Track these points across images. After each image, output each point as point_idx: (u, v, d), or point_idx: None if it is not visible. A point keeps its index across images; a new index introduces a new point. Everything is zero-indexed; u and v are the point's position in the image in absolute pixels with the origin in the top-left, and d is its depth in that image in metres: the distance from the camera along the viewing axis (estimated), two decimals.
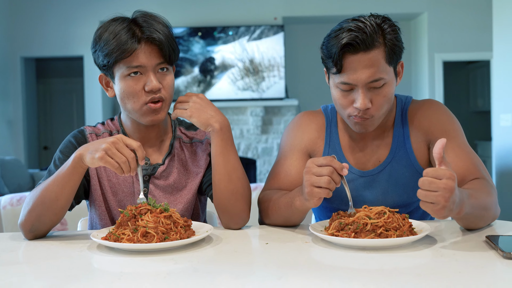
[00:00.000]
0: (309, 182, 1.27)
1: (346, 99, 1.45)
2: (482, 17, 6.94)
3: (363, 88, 1.41)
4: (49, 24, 7.20)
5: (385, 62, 1.41)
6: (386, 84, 1.43)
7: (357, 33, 1.37)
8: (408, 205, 1.60)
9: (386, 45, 1.40)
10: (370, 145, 1.60)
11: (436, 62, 7.21)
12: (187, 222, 1.31)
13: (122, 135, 1.35)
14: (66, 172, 1.37)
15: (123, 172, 1.31)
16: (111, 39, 1.42)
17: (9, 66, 7.29)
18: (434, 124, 1.56)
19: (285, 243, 1.30)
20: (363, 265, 1.09)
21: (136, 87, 1.44)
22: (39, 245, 1.35)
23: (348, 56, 1.39)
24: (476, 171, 1.48)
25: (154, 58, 1.44)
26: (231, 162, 1.48)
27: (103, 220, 1.57)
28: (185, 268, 1.09)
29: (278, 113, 7.18)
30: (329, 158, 1.27)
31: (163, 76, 1.48)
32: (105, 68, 1.47)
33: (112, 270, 1.12)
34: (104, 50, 1.43)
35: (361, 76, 1.39)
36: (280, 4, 7.14)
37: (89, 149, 1.33)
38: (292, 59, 7.65)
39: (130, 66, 1.43)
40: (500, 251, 1.09)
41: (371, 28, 1.38)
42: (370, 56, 1.38)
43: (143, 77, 1.45)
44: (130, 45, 1.41)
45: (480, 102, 9.15)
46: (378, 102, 1.43)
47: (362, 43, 1.36)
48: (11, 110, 7.35)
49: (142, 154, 1.34)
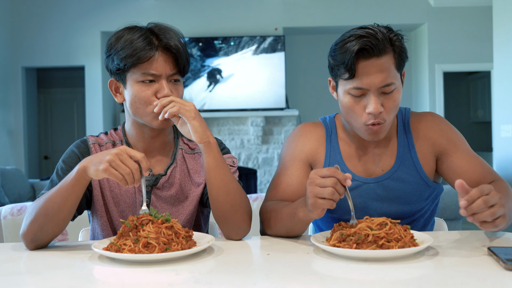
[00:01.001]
0: (312, 193, 1.27)
1: (358, 106, 1.47)
2: (482, 28, 6.96)
3: (375, 93, 1.44)
4: (51, 34, 7.23)
5: (395, 68, 1.46)
6: (396, 89, 1.47)
7: (369, 39, 1.41)
8: (412, 213, 1.61)
9: (395, 51, 1.46)
10: (372, 154, 1.61)
11: (437, 73, 7.22)
12: (189, 233, 1.31)
13: (125, 147, 1.35)
14: (70, 183, 1.37)
15: (127, 183, 1.31)
16: (128, 45, 1.45)
17: (10, 76, 7.31)
18: (440, 136, 1.60)
19: (286, 254, 1.29)
20: (364, 277, 1.08)
21: (148, 93, 1.47)
22: (41, 255, 1.35)
23: (361, 61, 1.43)
24: (490, 174, 1.55)
25: (169, 68, 1.47)
26: (226, 175, 1.47)
27: (105, 230, 1.57)
28: (187, 279, 1.09)
29: (278, 123, 7.19)
30: (333, 169, 1.28)
31: (174, 86, 1.50)
32: (118, 72, 1.49)
33: (113, 281, 1.12)
34: (120, 54, 1.45)
35: (374, 80, 1.43)
36: (280, 14, 7.17)
37: (93, 161, 1.34)
38: (292, 69, 7.68)
39: (145, 73, 1.45)
40: (502, 262, 1.09)
41: (381, 34, 1.43)
42: (382, 61, 1.43)
43: (155, 84, 1.47)
44: (147, 52, 1.44)
45: (480, 113, 9.16)
46: (389, 106, 1.47)
47: (375, 48, 1.41)
48: (12, 120, 7.36)
49: (146, 165, 1.34)
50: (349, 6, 7.11)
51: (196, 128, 1.43)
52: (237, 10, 7.17)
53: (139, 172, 1.33)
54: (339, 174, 1.26)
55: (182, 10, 7.17)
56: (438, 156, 1.60)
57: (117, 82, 1.54)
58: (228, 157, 1.61)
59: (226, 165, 1.49)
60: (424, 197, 1.60)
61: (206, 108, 7.04)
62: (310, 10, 7.17)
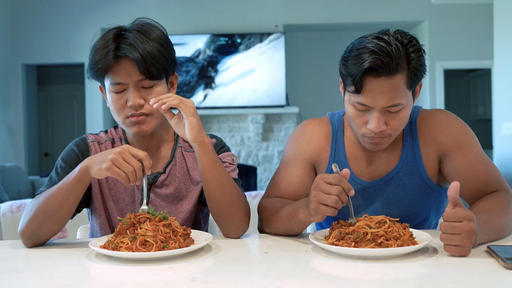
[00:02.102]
0: (316, 198, 1.25)
1: (361, 119, 1.42)
2: (483, 25, 6.94)
3: (379, 112, 1.38)
4: (51, 31, 7.22)
5: (406, 87, 1.37)
6: (403, 109, 1.40)
7: (381, 56, 1.32)
8: (414, 215, 1.58)
9: (409, 70, 1.36)
10: (378, 156, 1.57)
11: (437, 70, 7.21)
12: (186, 231, 1.30)
13: (128, 146, 1.35)
14: (71, 183, 1.36)
15: (129, 182, 1.31)
16: (94, 53, 1.44)
17: (10, 73, 7.30)
18: (446, 137, 1.52)
19: (284, 252, 1.29)
20: (363, 275, 1.08)
21: (120, 102, 1.46)
22: (38, 253, 1.34)
23: (369, 78, 1.34)
24: (494, 182, 1.46)
25: (134, 75, 1.43)
26: (222, 175, 1.45)
27: (103, 228, 1.56)
28: (184, 277, 1.08)
29: (278, 121, 7.18)
30: (339, 177, 1.24)
31: (148, 91, 1.46)
32: (97, 80, 1.50)
33: (110, 279, 1.11)
34: (88, 65, 1.47)
35: (380, 101, 1.36)
36: (281, 11, 7.16)
37: (96, 160, 1.33)
38: (293, 66, 7.67)
39: (112, 83, 1.45)
40: (502, 261, 1.08)
41: (396, 51, 1.33)
42: (391, 81, 1.34)
43: (127, 92, 1.45)
44: (102, 63, 1.42)
45: (481, 110, 9.15)
46: (393, 124, 1.41)
47: (385, 68, 1.32)
48: (12, 117, 7.36)
49: (149, 164, 1.34)
50: (349, 3, 7.09)
51: (192, 125, 1.40)
52: (237, 7, 7.16)
53: (142, 171, 1.33)
54: (345, 184, 1.23)
55: (181, 7, 7.15)
56: (441, 158, 1.53)
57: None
58: (227, 155, 1.59)
59: (222, 165, 1.47)
60: (427, 201, 1.56)
61: (206, 106, 7.03)
62: (311, 7, 7.15)
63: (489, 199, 1.41)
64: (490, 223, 1.29)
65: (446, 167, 1.52)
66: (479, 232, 1.22)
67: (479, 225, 1.22)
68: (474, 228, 1.15)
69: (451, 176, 1.50)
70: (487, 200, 1.41)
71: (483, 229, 1.25)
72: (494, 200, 1.40)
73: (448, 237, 1.16)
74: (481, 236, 1.24)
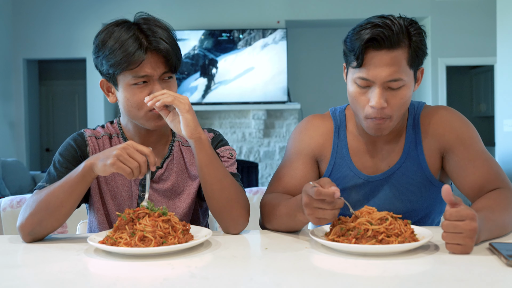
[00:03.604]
0: (313, 216, 1.22)
1: (363, 97, 1.43)
2: (486, 21, 6.92)
3: (380, 87, 1.39)
4: (52, 26, 7.21)
5: (407, 64, 1.39)
6: (404, 86, 1.41)
7: (383, 29, 1.35)
8: (416, 211, 1.57)
9: (410, 46, 1.39)
10: (381, 150, 1.57)
11: (440, 67, 7.19)
12: (186, 226, 1.29)
13: (132, 142, 1.34)
14: (74, 180, 1.36)
15: (134, 176, 1.31)
16: (117, 49, 1.40)
17: (11, 68, 7.30)
18: (449, 133, 1.52)
19: (284, 249, 1.28)
20: (363, 272, 1.07)
21: (141, 96, 1.43)
22: (37, 248, 1.33)
23: (371, 51, 1.37)
24: (496, 179, 1.46)
25: (160, 68, 1.43)
26: (220, 170, 1.45)
27: (101, 224, 1.56)
28: (182, 273, 1.07)
29: (280, 117, 7.17)
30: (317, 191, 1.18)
31: (167, 84, 1.47)
32: (109, 75, 1.46)
33: (108, 274, 1.10)
34: (109, 59, 1.41)
35: (381, 73, 1.37)
36: (283, 7, 7.14)
37: (100, 157, 1.33)
38: (294, 62, 7.64)
39: (136, 76, 1.42)
40: (504, 258, 1.07)
41: (398, 27, 1.36)
42: (393, 54, 1.37)
43: (149, 85, 1.44)
44: (137, 57, 1.39)
45: (483, 107, 9.13)
46: (394, 103, 1.41)
47: (387, 40, 1.35)
48: (13, 112, 7.36)
49: (154, 160, 1.34)
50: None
51: (188, 121, 1.39)
52: (240, 3, 7.14)
53: (146, 165, 1.33)
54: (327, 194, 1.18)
55: (183, 2, 7.13)
56: (443, 154, 1.53)
57: (108, 83, 1.50)
58: (225, 149, 1.58)
59: (219, 161, 1.46)
60: (429, 196, 1.56)
61: (207, 101, 7.02)
62: (313, 3, 7.13)
63: (491, 196, 1.40)
64: (493, 220, 1.28)
65: (448, 163, 1.52)
66: (482, 229, 1.21)
67: (482, 222, 1.22)
68: (476, 227, 1.14)
69: (453, 172, 1.50)
70: (489, 197, 1.40)
71: (486, 226, 1.24)
72: (496, 197, 1.39)
73: (450, 236, 1.15)
74: (484, 234, 1.23)
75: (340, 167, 1.58)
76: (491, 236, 1.28)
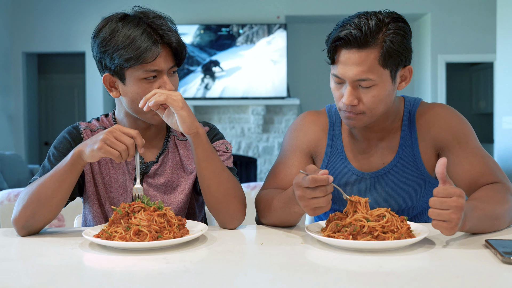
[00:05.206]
0: (308, 207, 1.24)
1: (338, 92, 1.47)
2: (485, 18, 6.90)
3: (351, 85, 1.41)
4: (51, 19, 7.19)
5: (378, 63, 1.38)
6: (375, 86, 1.40)
7: (353, 30, 1.37)
8: (411, 209, 1.57)
9: (382, 47, 1.37)
10: (375, 147, 1.57)
11: (439, 64, 7.18)
12: (181, 221, 1.29)
13: (118, 125, 1.34)
14: (64, 169, 1.35)
15: (122, 159, 1.31)
16: (128, 44, 1.38)
17: (11, 61, 7.28)
18: (445, 131, 1.52)
19: (280, 244, 1.27)
20: (359, 268, 1.06)
21: (150, 90, 1.42)
22: (31, 241, 1.33)
23: (341, 50, 1.40)
24: (491, 175, 1.46)
25: (169, 62, 1.44)
26: (217, 165, 1.44)
27: (96, 217, 1.55)
28: (177, 268, 1.07)
29: (279, 112, 7.16)
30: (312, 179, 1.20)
31: (173, 78, 1.48)
32: (115, 70, 1.43)
33: (103, 268, 1.10)
34: (122, 53, 1.38)
35: (349, 72, 1.39)
36: (283, 2, 7.11)
37: (87, 143, 1.33)
38: (294, 58, 7.62)
39: (148, 70, 1.41)
40: (500, 255, 1.07)
41: (370, 26, 1.36)
42: (361, 54, 1.38)
43: (158, 79, 1.43)
44: (153, 51, 1.39)
45: (482, 104, 9.12)
46: (366, 101, 1.42)
47: (354, 40, 1.37)
48: (12, 105, 7.35)
49: (141, 141, 1.33)
50: None
51: (184, 118, 1.38)
52: None
53: (134, 147, 1.32)
54: (321, 180, 1.20)
55: None
56: (439, 152, 1.53)
57: (113, 77, 1.46)
58: (221, 143, 1.58)
59: (217, 155, 1.46)
60: (423, 194, 1.55)
61: (206, 96, 7.01)
62: None
63: (484, 189, 1.42)
64: (483, 209, 1.29)
65: None
66: (469, 215, 1.22)
67: (470, 209, 1.23)
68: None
69: (448, 170, 1.50)
70: (482, 190, 1.42)
71: (474, 214, 1.25)
72: (489, 190, 1.41)
73: (436, 212, 1.16)
74: (471, 220, 1.23)
75: (335, 164, 1.58)
76: (480, 225, 1.29)
